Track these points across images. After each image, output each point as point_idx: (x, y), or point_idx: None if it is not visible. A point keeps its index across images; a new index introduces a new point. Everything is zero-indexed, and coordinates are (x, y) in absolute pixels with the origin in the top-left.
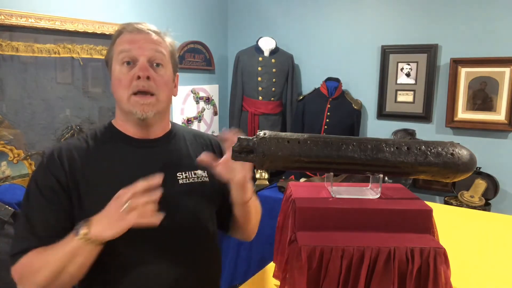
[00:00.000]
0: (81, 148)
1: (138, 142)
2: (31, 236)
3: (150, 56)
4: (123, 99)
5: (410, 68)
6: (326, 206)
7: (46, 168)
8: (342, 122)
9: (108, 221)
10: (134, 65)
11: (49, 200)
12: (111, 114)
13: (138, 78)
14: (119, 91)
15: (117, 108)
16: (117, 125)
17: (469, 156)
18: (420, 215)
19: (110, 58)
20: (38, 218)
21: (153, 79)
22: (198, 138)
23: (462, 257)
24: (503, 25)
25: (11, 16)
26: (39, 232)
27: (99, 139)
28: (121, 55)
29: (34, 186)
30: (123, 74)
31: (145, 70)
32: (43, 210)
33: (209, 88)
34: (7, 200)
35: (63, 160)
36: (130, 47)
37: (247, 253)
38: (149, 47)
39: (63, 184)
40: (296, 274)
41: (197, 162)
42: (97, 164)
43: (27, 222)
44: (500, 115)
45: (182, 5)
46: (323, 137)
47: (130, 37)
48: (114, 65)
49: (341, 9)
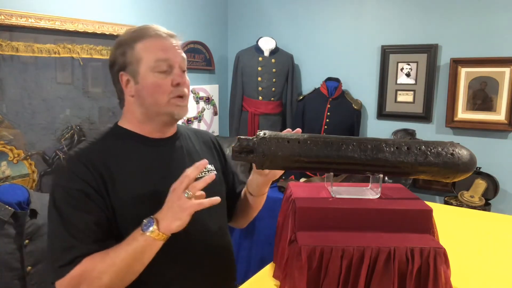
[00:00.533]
0: (97, 150)
1: (153, 141)
2: (76, 243)
3: (180, 62)
4: (162, 103)
5: (410, 68)
6: (326, 206)
7: (72, 173)
8: (342, 122)
9: (172, 214)
10: (169, 72)
11: (83, 204)
12: (111, 114)
13: (178, 85)
14: (158, 97)
15: (140, 111)
16: (128, 127)
17: (469, 156)
18: (420, 215)
19: (130, 62)
20: (78, 224)
21: (183, 84)
22: (198, 134)
23: (462, 257)
24: (503, 25)
25: (11, 16)
26: (83, 237)
27: (112, 139)
28: (159, 63)
29: (63, 194)
30: (162, 80)
31: (182, 77)
32: (80, 215)
33: (209, 88)
34: (7, 200)
35: (86, 163)
36: (167, 55)
37: (247, 253)
38: (180, 54)
39: (94, 186)
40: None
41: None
42: (117, 164)
43: (67, 231)
44: (500, 115)
45: (182, 5)
46: (323, 137)
47: (163, 44)
48: (147, 72)
49: (341, 9)
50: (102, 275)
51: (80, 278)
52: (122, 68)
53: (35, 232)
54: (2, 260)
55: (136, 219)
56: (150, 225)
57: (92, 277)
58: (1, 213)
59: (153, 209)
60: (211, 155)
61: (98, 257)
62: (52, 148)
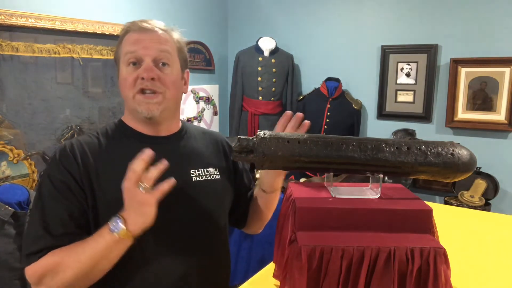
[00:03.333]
0: (92, 144)
1: (150, 139)
2: (47, 234)
3: (155, 56)
4: (129, 98)
5: (410, 68)
6: (326, 206)
7: (59, 163)
8: (342, 122)
9: (134, 211)
10: (140, 65)
11: (64, 195)
12: (111, 114)
13: (143, 78)
14: (125, 91)
15: (126, 106)
16: (128, 122)
17: (469, 156)
18: (420, 215)
19: (117, 58)
20: (53, 215)
21: (158, 79)
22: (206, 135)
23: (462, 257)
24: (503, 25)
25: (11, 16)
26: (55, 229)
27: (110, 135)
28: (127, 56)
29: (47, 182)
30: (128, 74)
31: (150, 71)
32: (58, 206)
33: (209, 88)
34: (7, 200)
35: (76, 155)
36: (135, 48)
37: (247, 253)
38: (154, 47)
39: (78, 179)
40: (296, 274)
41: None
42: (109, 160)
43: (42, 219)
44: (500, 115)
45: (182, 5)
46: (323, 137)
47: (135, 37)
48: (121, 65)
49: (341, 9)
50: (66, 269)
51: (45, 270)
52: (116, 63)
53: None
54: (2, 260)
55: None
56: (119, 224)
57: (57, 270)
58: (1, 213)
59: None
60: (217, 158)
61: (65, 251)
62: (52, 148)
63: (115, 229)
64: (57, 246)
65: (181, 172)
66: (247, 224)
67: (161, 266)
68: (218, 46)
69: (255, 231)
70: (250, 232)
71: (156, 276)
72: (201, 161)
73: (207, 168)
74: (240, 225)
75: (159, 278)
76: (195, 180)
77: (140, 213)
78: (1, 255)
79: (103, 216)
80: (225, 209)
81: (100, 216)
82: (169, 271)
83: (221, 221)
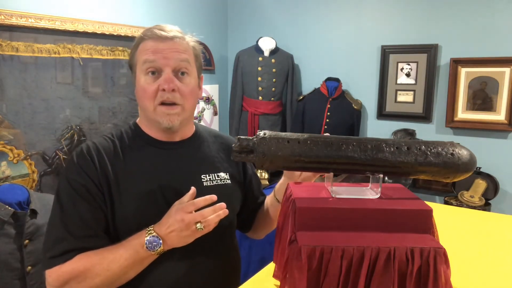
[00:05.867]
0: (108, 148)
1: (164, 144)
2: (69, 236)
3: (175, 66)
4: (149, 109)
5: (410, 68)
6: (326, 206)
7: (78, 166)
8: (342, 122)
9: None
10: (159, 74)
11: (84, 198)
12: (111, 114)
13: (163, 90)
14: (145, 102)
15: (142, 113)
16: (142, 127)
17: (469, 156)
18: (420, 215)
19: (133, 64)
20: (74, 217)
21: (178, 90)
22: (218, 139)
23: (462, 257)
24: (503, 25)
25: (11, 16)
26: (76, 231)
27: (125, 139)
28: (145, 65)
29: (66, 185)
30: (148, 84)
31: (170, 82)
32: (78, 209)
33: (209, 88)
34: (7, 200)
35: (93, 158)
36: (154, 57)
37: (247, 253)
38: (174, 57)
39: (96, 182)
40: (296, 274)
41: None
42: (124, 164)
43: (63, 222)
44: (500, 115)
45: (182, 5)
46: (323, 137)
47: (153, 46)
48: (139, 73)
49: (341, 9)
50: (95, 277)
51: (71, 274)
52: (131, 68)
53: (35, 232)
54: (2, 260)
55: (134, 220)
56: (157, 245)
57: (85, 276)
58: (1, 213)
59: (152, 212)
60: (228, 163)
61: (95, 258)
62: (52, 148)
63: (153, 247)
64: (81, 247)
65: (192, 177)
66: (252, 229)
67: (168, 268)
68: (218, 46)
69: (258, 236)
70: (253, 237)
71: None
72: (212, 166)
73: (218, 173)
74: (244, 229)
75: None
76: (206, 185)
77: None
78: (1, 255)
79: (120, 219)
80: (234, 214)
81: (117, 219)
82: (176, 274)
83: (231, 226)
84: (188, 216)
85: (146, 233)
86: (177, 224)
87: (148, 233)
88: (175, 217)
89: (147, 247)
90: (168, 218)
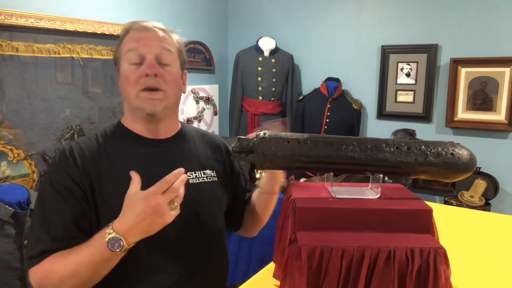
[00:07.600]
0: (92, 147)
1: (148, 141)
2: (46, 237)
3: (157, 54)
4: (132, 96)
5: (410, 68)
6: (326, 206)
7: (59, 167)
8: (342, 122)
9: (144, 228)
10: (142, 63)
11: (65, 199)
12: (111, 114)
13: (146, 75)
14: (128, 89)
15: (126, 106)
16: (127, 124)
17: (469, 156)
18: (420, 215)
19: (118, 57)
20: (54, 218)
21: (161, 76)
22: (205, 137)
23: (462, 257)
24: (503, 25)
25: (11, 16)
26: (55, 232)
27: (110, 137)
28: (129, 53)
29: (48, 186)
30: (131, 73)
31: (153, 67)
32: (59, 209)
33: (209, 88)
34: (7, 200)
35: (75, 158)
36: (137, 45)
37: (247, 253)
38: (156, 45)
39: (78, 182)
40: (296, 274)
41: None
42: (108, 163)
43: (43, 223)
44: (500, 115)
45: (182, 5)
46: (323, 137)
47: (137, 35)
48: (123, 64)
49: (341, 9)
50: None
51: (43, 274)
52: (115, 63)
53: None
54: (2, 260)
55: None
56: (119, 244)
57: (53, 277)
58: (1, 213)
59: None
60: (214, 160)
61: (60, 259)
62: (52, 148)
63: (115, 249)
64: (57, 249)
65: None
66: (242, 227)
67: (156, 267)
68: (218, 46)
69: (250, 234)
70: (245, 235)
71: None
72: (198, 163)
73: (204, 170)
74: (234, 227)
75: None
76: (191, 182)
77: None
78: (1, 255)
79: (105, 219)
80: (221, 211)
81: (102, 219)
82: (164, 272)
83: (218, 223)
84: (163, 198)
85: (106, 234)
86: (150, 210)
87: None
88: (146, 204)
89: (110, 248)
90: (131, 209)
